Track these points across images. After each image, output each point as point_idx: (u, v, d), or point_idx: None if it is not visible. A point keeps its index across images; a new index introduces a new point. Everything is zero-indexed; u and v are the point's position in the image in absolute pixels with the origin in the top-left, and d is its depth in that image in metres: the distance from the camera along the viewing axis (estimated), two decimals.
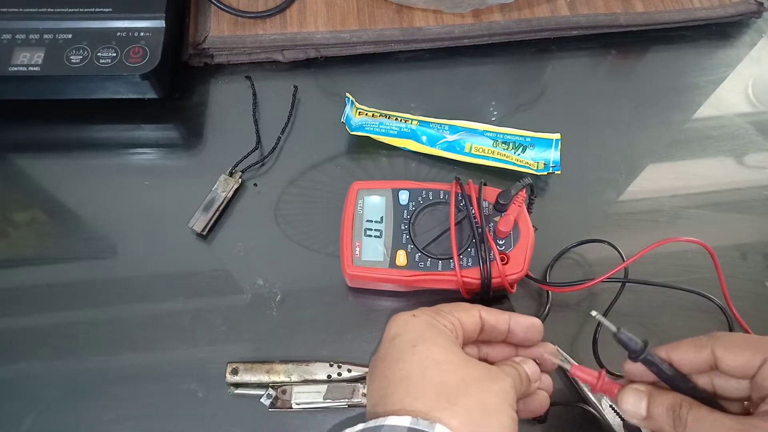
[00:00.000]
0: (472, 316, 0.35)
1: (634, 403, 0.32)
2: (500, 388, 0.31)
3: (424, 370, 0.30)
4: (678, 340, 0.32)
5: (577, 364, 0.35)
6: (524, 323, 0.36)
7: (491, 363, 0.35)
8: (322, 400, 0.40)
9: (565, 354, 0.42)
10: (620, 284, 0.43)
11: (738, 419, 0.29)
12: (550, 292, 0.44)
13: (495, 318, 0.36)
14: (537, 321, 0.37)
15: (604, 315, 0.43)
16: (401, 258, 0.41)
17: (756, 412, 0.29)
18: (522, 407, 0.35)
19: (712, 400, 0.31)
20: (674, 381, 0.32)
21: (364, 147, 0.50)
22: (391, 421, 0.29)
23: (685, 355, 0.31)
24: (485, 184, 0.43)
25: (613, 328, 0.32)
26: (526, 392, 0.35)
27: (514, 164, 0.49)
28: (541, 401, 0.36)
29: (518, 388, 0.33)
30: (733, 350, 0.30)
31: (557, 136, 0.50)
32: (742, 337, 0.31)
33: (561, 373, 0.42)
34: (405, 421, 0.29)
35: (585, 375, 0.34)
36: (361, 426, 0.30)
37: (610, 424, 0.39)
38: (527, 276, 0.42)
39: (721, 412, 0.30)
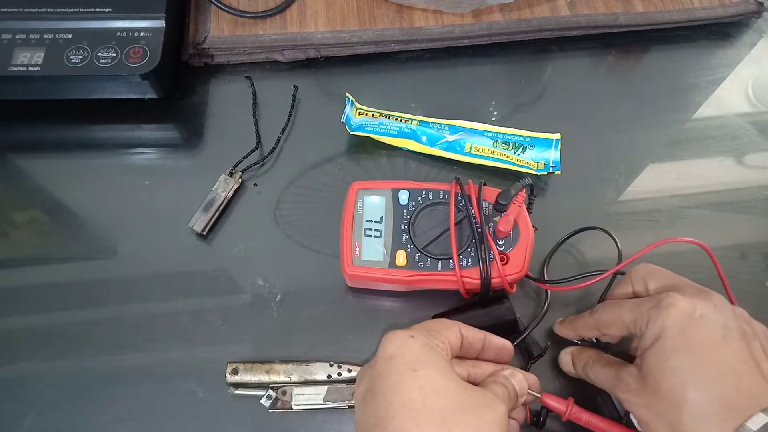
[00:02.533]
0: (454, 333, 0.36)
1: (566, 362, 0.40)
2: (495, 414, 0.32)
3: (425, 396, 0.31)
4: None
5: (547, 393, 0.38)
6: (497, 344, 0.38)
7: (478, 380, 0.36)
8: (322, 401, 0.40)
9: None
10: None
11: (617, 367, 0.35)
12: (548, 290, 0.44)
13: (473, 335, 0.37)
14: (509, 344, 0.38)
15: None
16: (401, 258, 0.41)
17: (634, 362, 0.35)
18: None
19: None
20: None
21: (364, 147, 0.50)
22: None
23: (578, 330, 0.40)
24: (485, 184, 0.43)
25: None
26: (513, 408, 0.35)
27: (514, 164, 0.49)
28: (510, 429, 0.36)
29: (508, 407, 0.34)
30: (607, 326, 0.37)
31: (557, 136, 0.50)
32: (614, 308, 0.36)
33: (560, 372, 0.42)
34: None
35: (555, 403, 0.37)
36: None
37: None
38: (527, 276, 0.42)
39: (611, 365, 0.36)
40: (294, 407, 0.40)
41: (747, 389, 0.30)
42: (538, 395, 0.37)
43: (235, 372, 0.41)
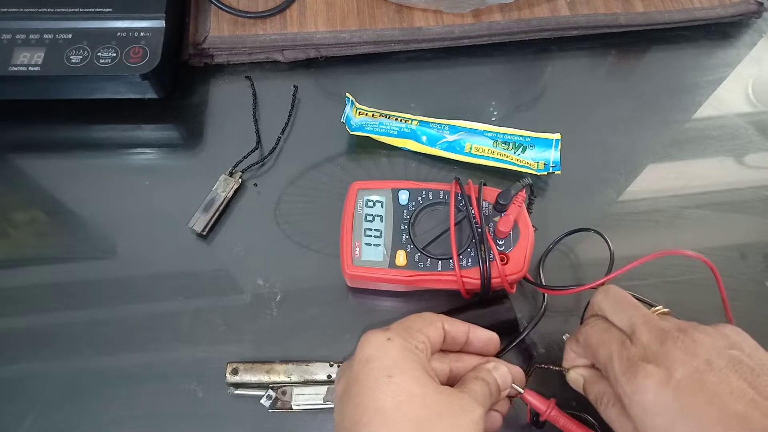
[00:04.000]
0: (436, 329, 0.35)
1: (576, 382, 0.37)
2: (470, 420, 0.31)
3: (399, 403, 0.30)
4: None
5: (529, 389, 0.37)
6: (483, 337, 0.37)
7: (460, 375, 0.36)
8: (322, 401, 0.40)
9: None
10: None
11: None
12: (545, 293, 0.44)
13: (456, 329, 0.36)
14: (495, 335, 0.38)
15: None
16: (401, 258, 0.41)
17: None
18: None
19: None
20: None
21: (364, 147, 0.50)
22: None
23: (574, 361, 0.37)
24: (485, 184, 0.43)
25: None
26: (495, 402, 0.35)
27: (514, 164, 0.49)
28: (494, 421, 0.36)
29: (487, 407, 0.33)
30: (592, 355, 0.35)
31: (557, 136, 0.50)
32: (589, 340, 0.35)
33: (554, 374, 0.42)
34: None
35: (536, 402, 0.37)
36: None
37: None
38: (524, 278, 0.42)
39: (626, 414, 0.33)
40: (294, 407, 0.40)
41: (756, 427, 0.28)
42: (521, 390, 0.37)
43: (235, 372, 0.41)
